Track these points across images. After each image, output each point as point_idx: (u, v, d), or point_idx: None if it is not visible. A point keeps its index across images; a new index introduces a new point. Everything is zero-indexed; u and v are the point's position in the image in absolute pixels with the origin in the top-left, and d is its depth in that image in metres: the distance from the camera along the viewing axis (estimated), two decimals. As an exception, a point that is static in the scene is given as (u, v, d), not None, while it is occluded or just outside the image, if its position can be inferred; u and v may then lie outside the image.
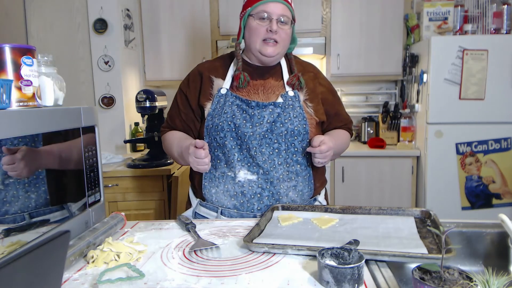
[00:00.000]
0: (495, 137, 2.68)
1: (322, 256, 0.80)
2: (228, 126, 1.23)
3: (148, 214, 2.44)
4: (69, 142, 1.02)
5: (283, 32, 1.27)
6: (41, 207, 0.91)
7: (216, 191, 1.27)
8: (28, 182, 0.87)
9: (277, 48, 1.27)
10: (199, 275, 0.83)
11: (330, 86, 1.43)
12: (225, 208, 1.26)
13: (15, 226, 0.83)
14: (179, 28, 3.11)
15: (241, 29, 1.32)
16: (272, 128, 1.23)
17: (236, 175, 1.24)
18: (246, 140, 1.22)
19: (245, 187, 1.24)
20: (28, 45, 0.92)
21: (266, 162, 1.23)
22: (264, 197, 1.24)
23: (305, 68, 1.40)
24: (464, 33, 2.80)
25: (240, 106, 1.26)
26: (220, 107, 1.27)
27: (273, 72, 1.35)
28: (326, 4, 3.06)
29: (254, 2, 1.26)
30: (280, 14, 1.24)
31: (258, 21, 1.26)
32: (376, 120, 3.26)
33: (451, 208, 2.74)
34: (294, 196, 1.27)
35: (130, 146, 3.07)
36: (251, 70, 1.34)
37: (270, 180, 1.23)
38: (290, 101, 1.27)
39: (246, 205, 1.24)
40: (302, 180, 1.28)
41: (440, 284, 0.66)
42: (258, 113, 1.24)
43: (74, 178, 1.05)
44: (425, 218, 1.10)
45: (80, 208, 1.06)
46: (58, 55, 2.82)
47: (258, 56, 1.30)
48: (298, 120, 1.25)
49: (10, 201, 0.82)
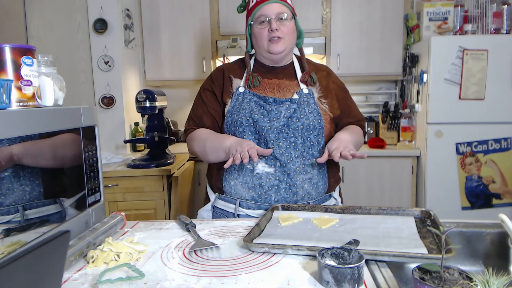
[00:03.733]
0: (495, 137, 2.68)
1: (322, 256, 0.80)
2: (247, 121, 1.29)
3: (148, 214, 2.43)
4: (69, 142, 1.02)
5: (285, 28, 1.32)
6: (40, 207, 0.91)
7: (235, 183, 1.31)
8: (27, 179, 0.87)
9: (283, 43, 1.33)
10: (199, 275, 0.83)
11: (342, 84, 1.48)
12: (243, 200, 1.31)
13: (15, 226, 0.83)
14: (179, 28, 3.11)
15: (247, 39, 1.41)
16: (289, 123, 1.28)
17: (255, 167, 1.28)
18: (264, 134, 1.27)
19: (263, 179, 1.28)
20: (28, 45, 0.92)
21: (283, 155, 1.27)
22: (281, 189, 1.28)
23: (318, 67, 1.46)
24: (464, 33, 2.80)
25: (258, 103, 1.31)
26: (238, 104, 1.33)
27: (286, 72, 1.41)
28: (326, 4, 3.06)
29: (252, 10, 1.34)
30: (276, 13, 1.31)
31: (259, 26, 1.33)
32: (376, 120, 3.26)
33: (451, 208, 2.74)
34: (309, 188, 1.30)
35: (130, 146, 3.07)
36: (265, 71, 1.40)
37: (287, 172, 1.27)
38: (305, 97, 1.33)
39: (264, 196, 1.28)
40: (317, 173, 1.32)
41: (440, 284, 0.66)
42: (275, 108, 1.29)
43: (74, 178, 1.05)
44: (425, 218, 1.10)
45: (80, 208, 1.06)
46: (58, 55, 2.82)
47: (268, 56, 1.36)
48: (313, 116, 1.30)
49: (5, 193, 0.82)
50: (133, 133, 3.02)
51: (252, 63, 1.42)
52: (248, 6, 1.38)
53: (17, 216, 0.84)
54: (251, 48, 1.43)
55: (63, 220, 0.99)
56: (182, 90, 3.41)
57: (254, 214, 1.30)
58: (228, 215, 1.34)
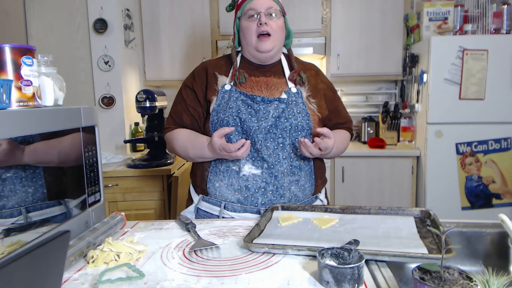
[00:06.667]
0: (495, 137, 2.68)
1: (322, 256, 0.80)
2: (234, 121, 1.25)
3: (148, 214, 2.44)
4: (69, 142, 1.02)
5: (274, 24, 1.30)
6: (40, 207, 0.91)
7: (220, 185, 1.28)
8: (27, 180, 0.87)
9: (271, 41, 1.30)
10: (199, 275, 0.83)
11: (331, 84, 1.46)
12: (229, 202, 1.27)
13: (15, 226, 0.83)
14: (179, 28, 3.11)
15: (235, 34, 1.38)
16: (277, 123, 1.25)
17: (241, 169, 1.25)
18: (252, 134, 1.24)
19: (249, 181, 1.25)
20: (28, 45, 0.92)
21: (271, 156, 1.24)
22: (268, 191, 1.25)
23: (306, 66, 1.43)
24: (464, 33, 2.80)
25: (245, 101, 1.27)
26: (224, 103, 1.29)
27: (274, 70, 1.37)
28: (326, 4, 3.06)
29: (241, 4, 1.32)
30: (266, 7, 1.28)
31: (247, 20, 1.30)
32: (376, 120, 3.26)
33: (451, 208, 2.74)
34: (297, 190, 1.28)
35: (130, 146, 3.07)
36: (252, 69, 1.36)
37: (275, 174, 1.25)
38: (293, 97, 1.30)
39: (250, 199, 1.25)
40: (304, 175, 1.30)
41: (440, 284, 0.66)
42: (264, 108, 1.26)
43: (74, 178, 1.05)
44: (425, 218, 1.10)
45: (80, 208, 1.06)
46: (58, 55, 2.82)
47: (256, 54, 1.33)
48: (301, 116, 1.28)
49: (8, 195, 0.82)
50: (133, 133, 3.02)
51: (238, 60, 1.38)
52: (237, 1, 1.36)
53: (20, 218, 0.84)
54: (238, 45, 1.39)
55: (63, 220, 0.99)
56: (182, 90, 3.42)
57: (239, 217, 1.27)
58: (212, 218, 1.30)
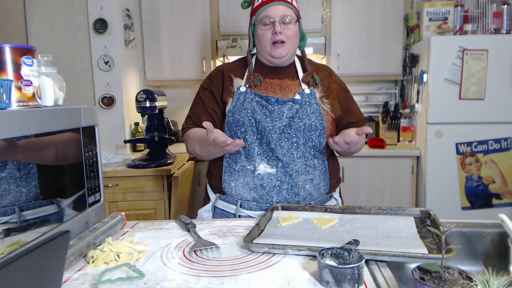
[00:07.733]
0: (495, 137, 2.68)
1: (322, 256, 0.80)
2: (249, 121, 1.28)
3: (148, 214, 2.43)
4: (68, 141, 1.02)
5: (288, 31, 1.32)
6: (40, 206, 0.91)
7: (235, 184, 1.31)
8: (26, 179, 0.87)
9: (285, 48, 1.33)
10: (199, 275, 0.83)
11: (343, 85, 1.48)
12: (245, 200, 1.31)
13: (15, 226, 0.83)
14: (179, 28, 3.11)
15: (250, 38, 1.41)
16: (291, 123, 1.28)
17: (256, 168, 1.28)
18: (266, 134, 1.27)
19: (264, 180, 1.28)
20: (28, 45, 0.92)
21: (286, 155, 1.27)
22: (283, 189, 1.28)
23: (319, 67, 1.45)
24: (464, 33, 2.80)
25: (260, 103, 1.31)
26: (240, 104, 1.32)
27: (288, 72, 1.40)
28: (326, 4, 3.06)
29: (256, 10, 1.33)
30: (281, 15, 1.30)
31: (262, 27, 1.33)
32: (376, 120, 3.26)
33: (451, 208, 2.74)
34: (311, 189, 1.30)
35: (130, 146, 3.07)
36: (266, 71, 1.40)
37: (289, 173, 1.27)
38: (307, 98, 1.32)
39: (265, 197, 1.28)
40: (319, 174, 1.32)
41: (440, 284, 0.66)
42: (278, 108, 1.29)
43: (74, 178, 1.05)
44: (425, 218, 1.10)
45: (80, 208, 1.06)
46: (58, 55, 2.82)
47: (270, 59, 1.37)
48: (315, 116, 1.30)
49: (2, 194, 0.82)
50: (133, 133, 3.02)
51: (253, 62, 1.42)
52: (253, 5, 1.37)
53: (15, 217, 0.84)
54: (253, 47, 1.42)
55: (63, 220, 0.99)
56: (182, 90, 3.40)
57: (256, 215, 1.30)
58: (229, 216, 1.34)
